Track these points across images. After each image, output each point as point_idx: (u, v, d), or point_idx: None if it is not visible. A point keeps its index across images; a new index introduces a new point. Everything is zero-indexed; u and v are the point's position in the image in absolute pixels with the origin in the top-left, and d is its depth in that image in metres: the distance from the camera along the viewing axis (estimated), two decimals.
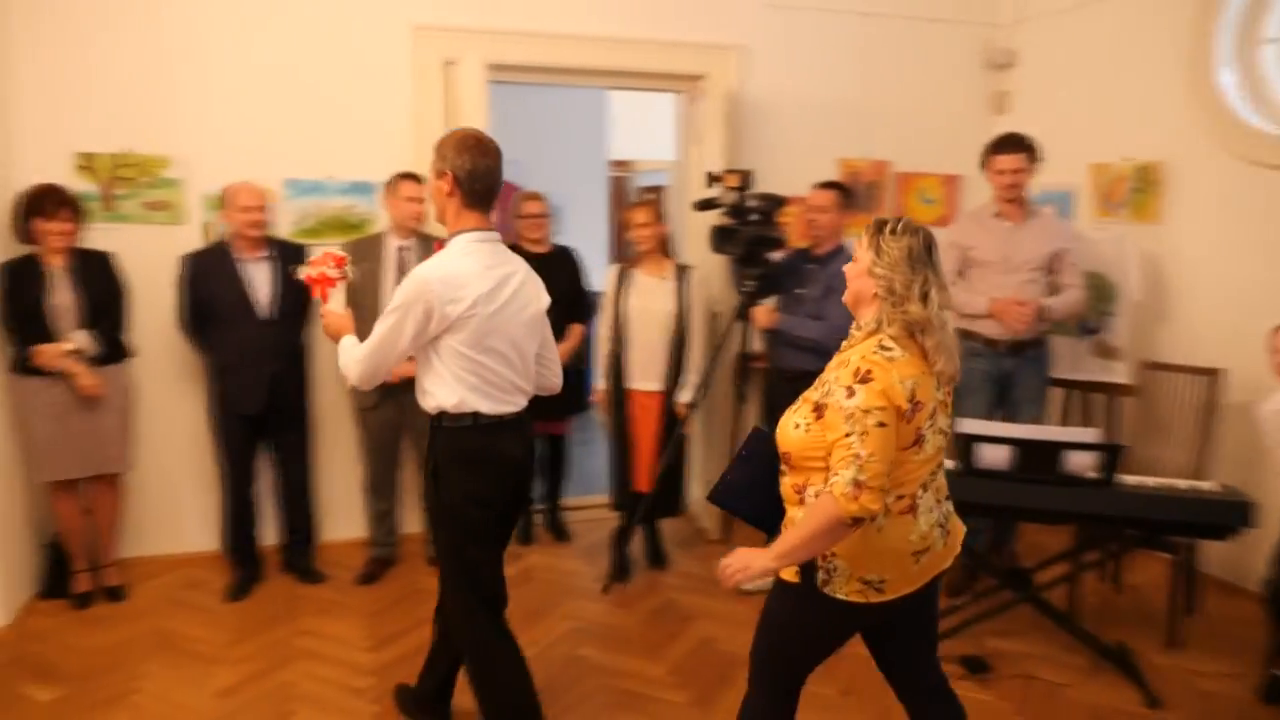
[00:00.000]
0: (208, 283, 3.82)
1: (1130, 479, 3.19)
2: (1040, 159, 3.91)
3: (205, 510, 4.30)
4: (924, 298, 2.00)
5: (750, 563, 2.01)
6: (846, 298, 2.12)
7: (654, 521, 4.29)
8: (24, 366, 3.64)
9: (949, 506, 2.17)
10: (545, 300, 2.61)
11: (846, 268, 2.12)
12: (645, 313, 4.03)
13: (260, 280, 3.86)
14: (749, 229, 3.93)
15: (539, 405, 4.24)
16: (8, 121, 3.92)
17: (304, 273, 2.67)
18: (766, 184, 4.29)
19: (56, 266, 3.67)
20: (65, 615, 3.79)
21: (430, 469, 2.54)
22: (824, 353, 3.50)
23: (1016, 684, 3.28)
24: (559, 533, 4.66)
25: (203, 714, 3.07)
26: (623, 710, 3.11)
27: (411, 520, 4.49)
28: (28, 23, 3.94)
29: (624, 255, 4.68)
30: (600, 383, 4.14)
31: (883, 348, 1.98)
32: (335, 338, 2.59)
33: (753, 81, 4.83)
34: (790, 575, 2.10)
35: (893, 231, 2.02)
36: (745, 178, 4.00)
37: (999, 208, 3.93)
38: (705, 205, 4.08)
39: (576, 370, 4.38)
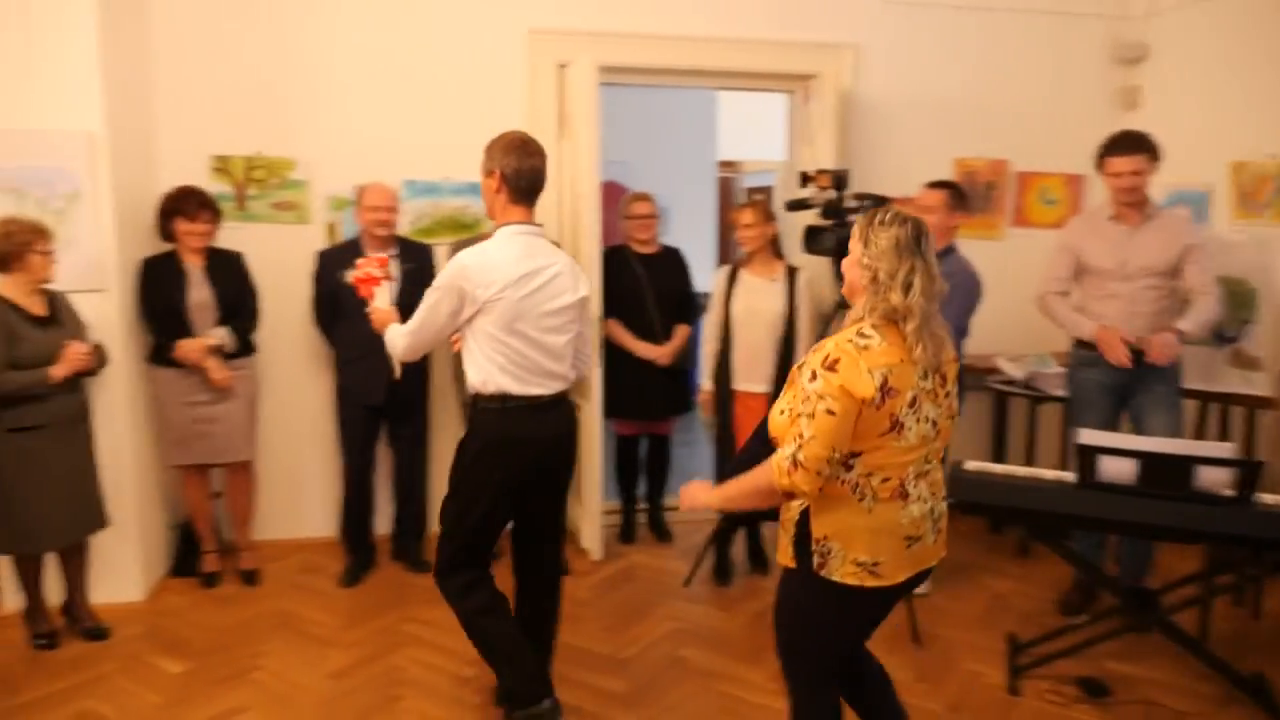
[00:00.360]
0: (336, 278, 3.90)
1: (1269, 498, 2.99)
2: (1160, 159, 3.59)
3: (325, 498, 4.46)
4: (906, 287, 2.03)
5: (697, 496, 2.26)
6: (844, 288, 2.18)
7: (756, 524, 4.23)
8: (162, 358, 3.84)
9: (943, 506, 2.21)
10: (582, 292, 2.76)
11: (844, 260, 2.17)
12: (752, 314, 3.98)
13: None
14: (841, 230, 3.84)
15: (644, 405, 4.24)
16: (151, 125, 4.14)
17: (351, 275, 2.86)
18: (879, 185, 4.19)
19: (194, 265, 3.85)
20: (195, 593, 3.98)
21: (461, 442, 2.76)
22: None
23: (1137, 710, 3.12)
24: (661, 533, 4.64)
25: (317, 693, 3.18)
26: (723, 715, 3.08)
27: None
28: (167, 31, 4.15)
29: (731, 256, 4.63)
30: (706, 383, 4.11)
31: (860, 334, 2.04)
32: (381, 330, 2.85)
33: (866, 80, 4.73)
34: (787, 560, 2.18)
35: (881, 222, 2.07)
36: (839, 178, 3.88)
37: (1115, 210, 3.66)
38: (797, 206, 3.99)
39: (681, 370, 4.37)
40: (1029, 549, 4.51)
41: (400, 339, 2.73)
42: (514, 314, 2.59)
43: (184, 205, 3.79)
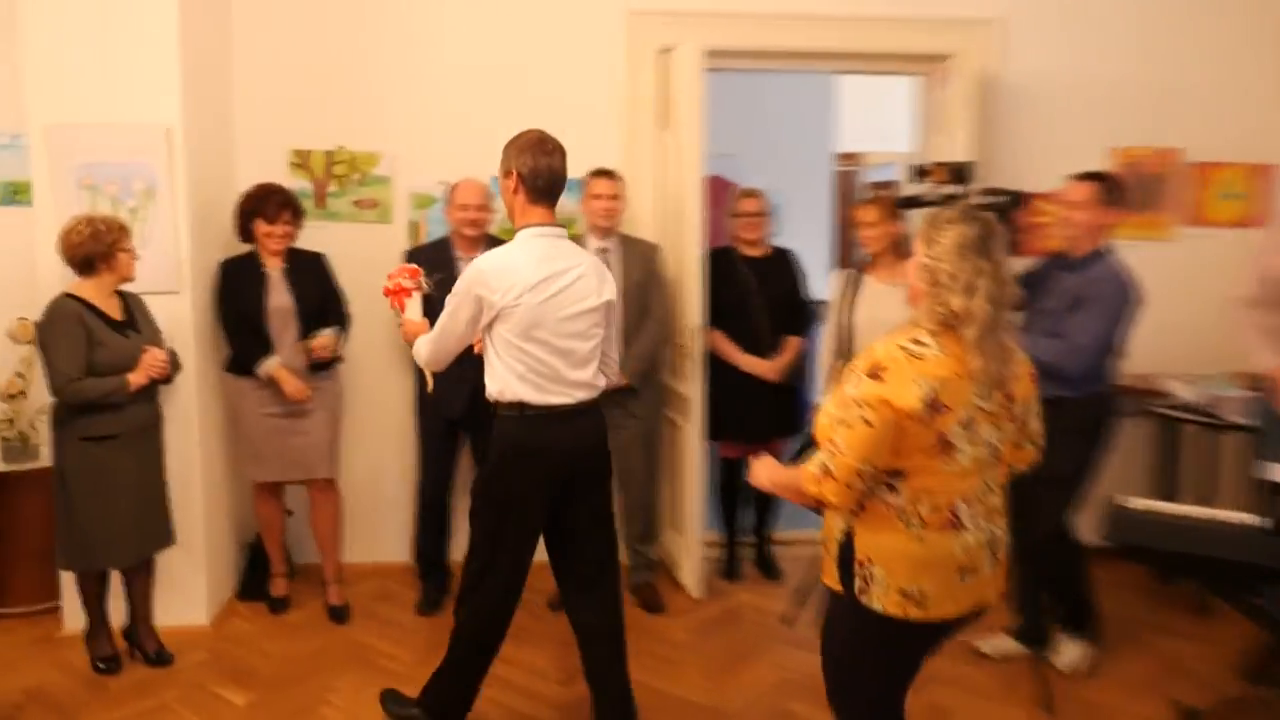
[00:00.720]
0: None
1: None
2: None
3: (403, 521, 4.35)
4: (969, 290, 1.94)
5: (759, 472, 2.21)
6: (907, 294, 2.09)
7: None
8: (240, 366, 3.78)
9: (1004, 535, 2.11)
10: (608, 294, 2.78)
11: (908, 263, 2.09)
12: (876, 324, 3.67)
13: None
14: None
15: (750, 426, 4.05)
16: (228, 118, 4.15)
17: (383, 286, 3.01)
18: (1026, 179, 3.85)
19: (274, 268, 3.79)
20: (262, 619, 3.91)
21: (483, 453, 2.86)
22: (1063, 378, 3.08)
23: None
24: (768, 569, 4.42)
25: None
26: None
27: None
28: (246, 19, 4.14)
29: (850, 259, 4.41)
30: (821, 401, 3.85)
31: (916, 341, 1.97)
32: (411, 341, 2.93)
33: (1011, 61, 4.36)
34: (832, 581, 2.14)
35: (947, 220, 2.00)
36: (959, 171, 3.57)
37: None
38: (909, 203, 3.70)
39: (791, 388, 4.17)
40: (1207, 605, 4.06)
41: (424, 347, 2.81)
42: (532, 320, 2.63)
43: (264, 206, 3.73)
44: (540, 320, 2.63)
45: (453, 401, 3.86)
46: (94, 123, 3.56)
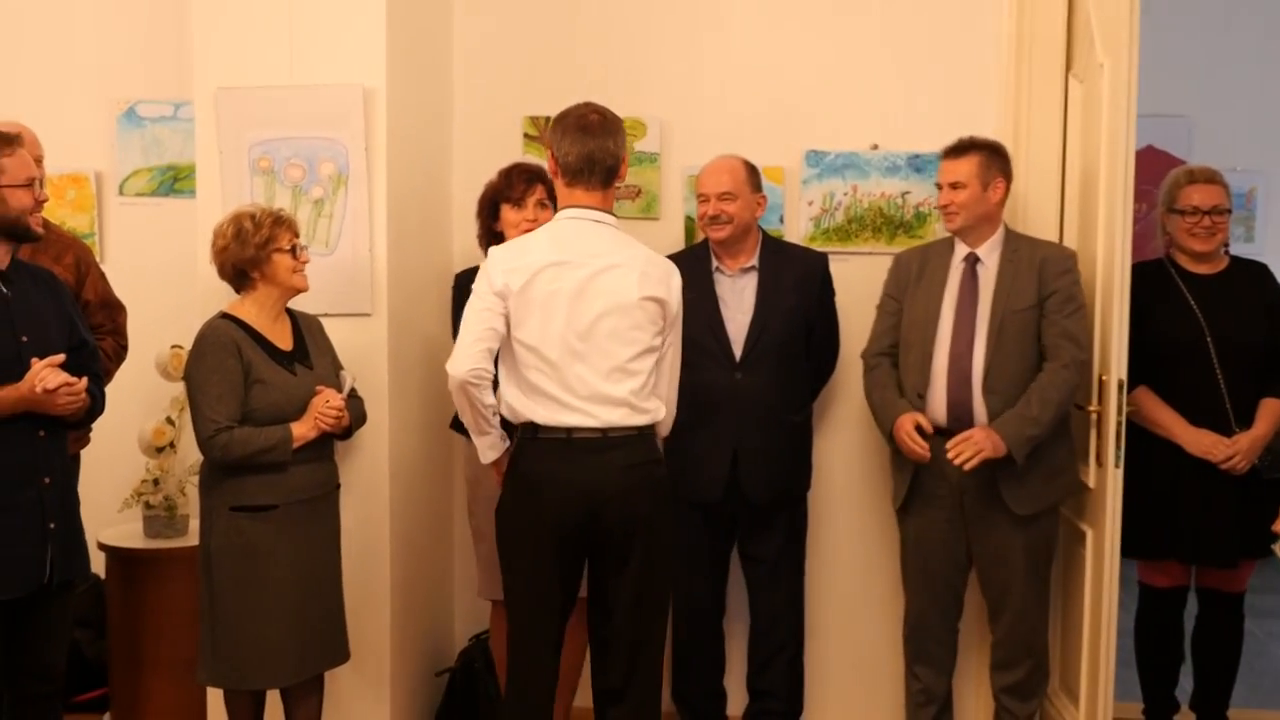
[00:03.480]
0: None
1: None
2: None
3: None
4: None
5: None
6: None
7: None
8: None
9: None
10: (653, 291, 3.13)
11: None
12: None
13: (735, 303, 3.90)
14: None
15: (1196, 537, 3.95)
16: (445, 76, 4.34)
17: None
18: None
19: None
20: None
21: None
22: None
23: None
24: None
25: None
26: None
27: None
28: None
29: None
30: None
31: None
32: None
33: None
34: None
35: None
36: None
37: None
38: None
39: (1269, 480, 3.89)
40: None
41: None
42: (542, 310, 3.04)
43: (508, 189, 3.77)
44: (551, 310, 3.03)
45: (705, 475, 3.93)
46: (275, 85, 3.71)
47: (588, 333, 3.04)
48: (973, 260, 3.76)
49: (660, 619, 3.27)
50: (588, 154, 3.12)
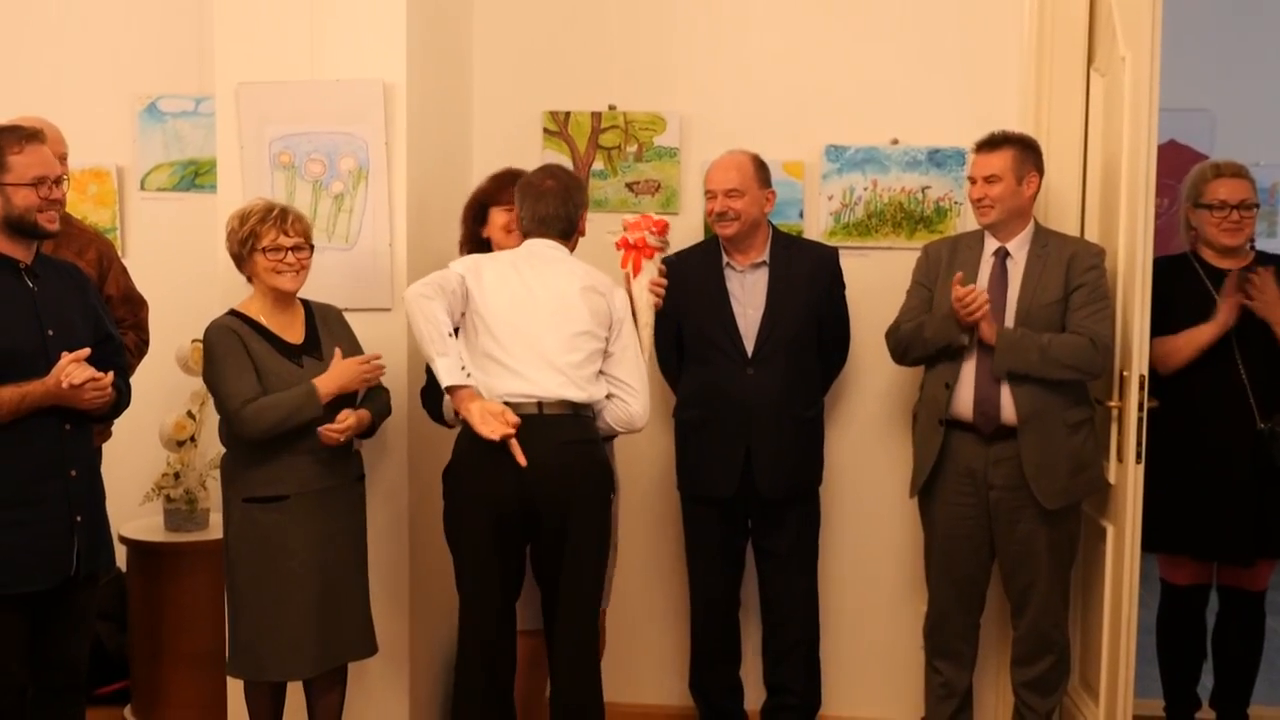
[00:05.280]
0: (683, 300, 3.80)
1: None
2: None
3: (671, 646, 4.39)
4: None
5: None
6: None
7: None
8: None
9: None
10: (580, 283, 3.37)
11: None
12: None
13: (746, 298, 3.89)
14: None
15: (1217, 534, 3.95)
16: (465, 72, 4.34)
17: (619, 236, 3.42)
18: None
19: None
20: None
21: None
22: None
23: None
24: None
25: None
26: None
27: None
28: None
29: None
30: None
31: None
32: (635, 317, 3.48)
33: None
34: None
35: None
36: None
37: None
38: None
39: None
40: None
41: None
42: (493, 292, 3.33)
43: (499, 193, 3.74)
44: (499, 291, 3.31)
45: (719, 470, 3.93)
46: (296, 80, 3.73)
47: (532, 309, 3.28)
48: (1003, 255, 3.77)
49: (591, 602, 3.42)
50: (541, 218, 3.41)
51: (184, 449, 4.12)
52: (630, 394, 3.40)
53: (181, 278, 4.28)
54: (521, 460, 3.14)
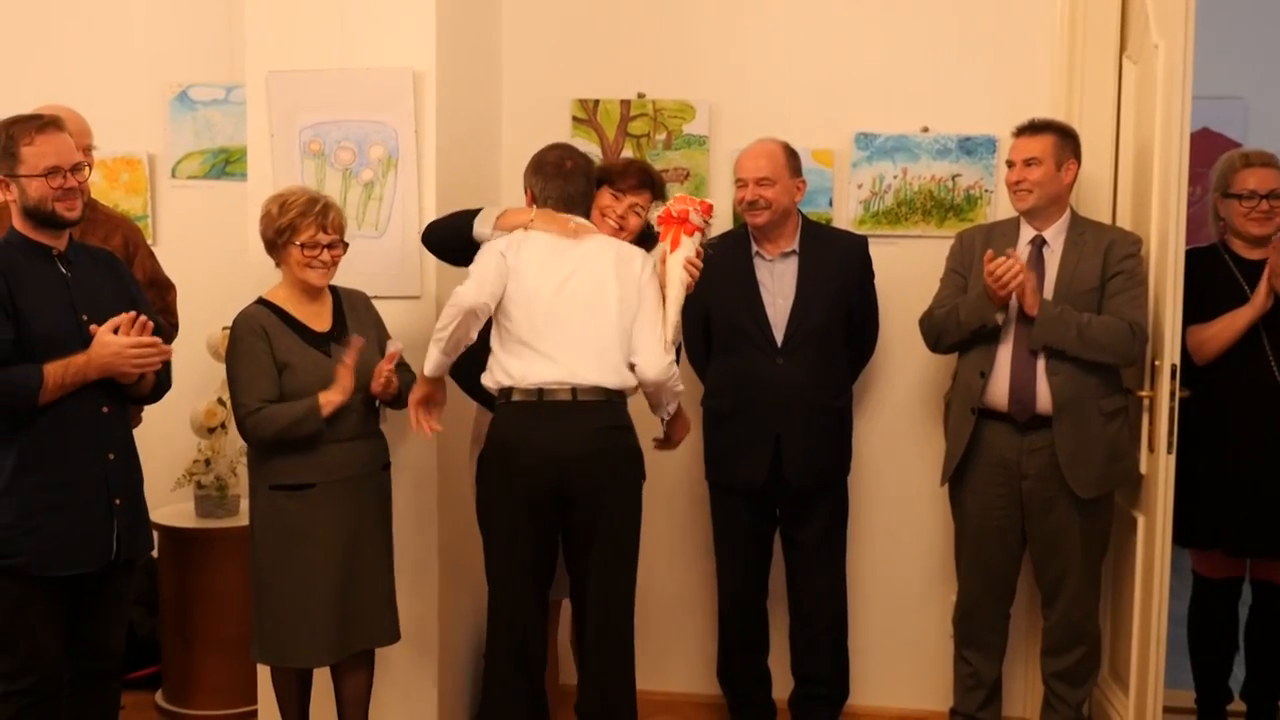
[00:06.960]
0: (715, 289, 3.76)
1: None
2: None
3: (699, 633, 4.41)
4: None
5: None
6: None
7: None
8: None
9: None
10: (614, 262, 3.38)
11: None
12: None
13: (775, 288, 3.89)
14: None
15: (1251, 527, 3.94)
16: (494, 60, 4.36)
17: (661, 210, 3.46)
18: None
19: None
20: None
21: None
22: None
23: None
24: None
25: None
26: None
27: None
28: None
29: None
30: None
31: None
32: (670, 291, 3.41)
33: None
34: None
35: None
36: None
37: None
38: None
39: None
40: None
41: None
42: (529, 271, 3.29)
43: (623, 178, 3.71)
44: (536, 272, 3.28)
45: (747, 460, 3.93)
46: (326, 68, 3.75)
47: (569, 293, 3.28)
48: (1039, 243, 3.76)
49: (625, 593, 3.43)
50: (570, 196, 3.44)
51: (214, 436, 4.15)
52: (641, 348, 3.37)
53: (212, 265, 4.31)
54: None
